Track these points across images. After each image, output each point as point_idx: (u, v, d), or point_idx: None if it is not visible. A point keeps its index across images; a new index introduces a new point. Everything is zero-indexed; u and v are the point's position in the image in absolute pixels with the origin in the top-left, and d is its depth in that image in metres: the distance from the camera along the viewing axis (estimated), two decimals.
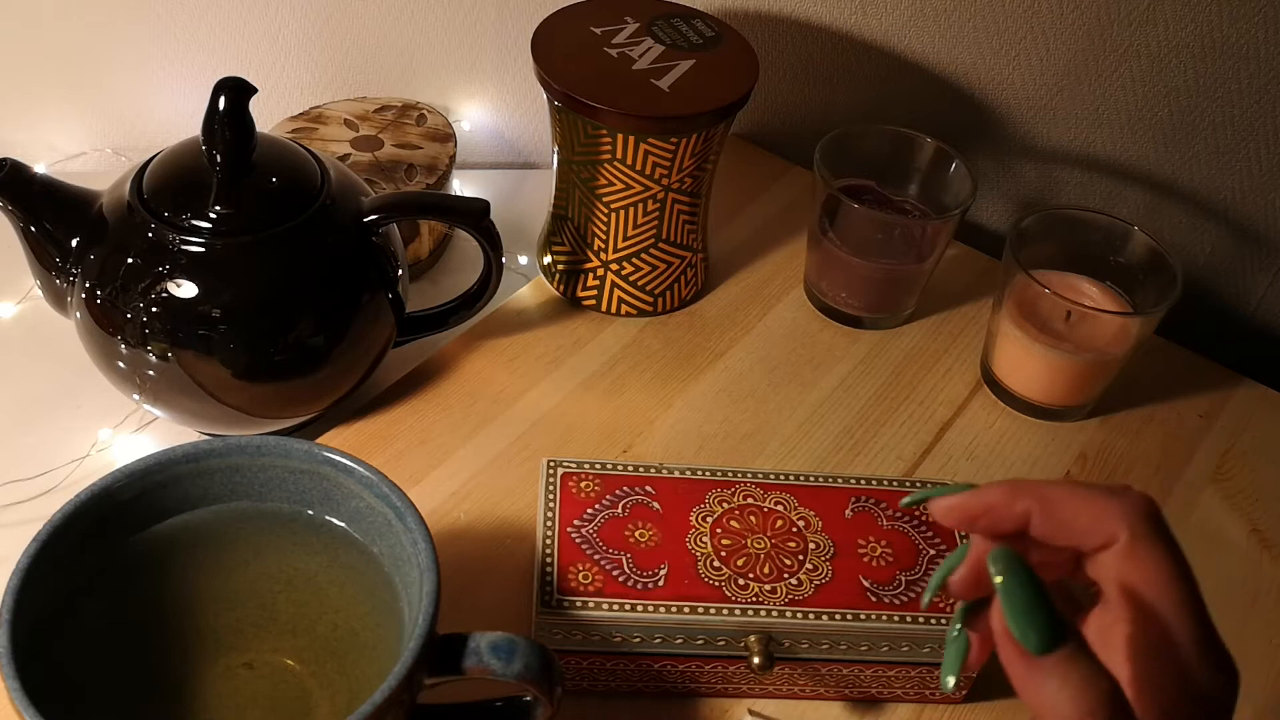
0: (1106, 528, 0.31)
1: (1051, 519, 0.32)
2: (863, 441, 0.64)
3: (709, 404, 0.64)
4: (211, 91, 0.53)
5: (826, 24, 0.79)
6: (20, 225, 0.54)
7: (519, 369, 0.65)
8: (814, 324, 0.70)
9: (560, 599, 0.47)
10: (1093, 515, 0.31)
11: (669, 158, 0.62)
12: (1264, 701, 0.54)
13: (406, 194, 0.64)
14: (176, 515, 0.46)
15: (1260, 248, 0.83)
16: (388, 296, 0.58)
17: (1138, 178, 0.82)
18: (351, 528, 0.47)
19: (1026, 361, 0.64)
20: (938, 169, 0.69)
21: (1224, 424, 0.67)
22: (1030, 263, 0.63)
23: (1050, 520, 0.32)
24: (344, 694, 0.43)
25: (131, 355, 0.54)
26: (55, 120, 0.77)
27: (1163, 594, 0.31)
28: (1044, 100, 0.80)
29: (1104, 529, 0.31)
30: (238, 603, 0.46)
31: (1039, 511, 0.32)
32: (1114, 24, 0.75)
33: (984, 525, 0.33)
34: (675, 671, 0.50)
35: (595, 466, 0.53)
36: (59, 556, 0.42)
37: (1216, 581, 0.58)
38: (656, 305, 0.69)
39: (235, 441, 0.46)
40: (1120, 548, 0.31)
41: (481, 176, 0.81)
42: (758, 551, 0.50)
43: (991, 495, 0.33)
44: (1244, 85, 0.76)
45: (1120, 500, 0.32)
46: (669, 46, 0.64)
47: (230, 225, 0.53)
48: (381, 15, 0.76)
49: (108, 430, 0.60)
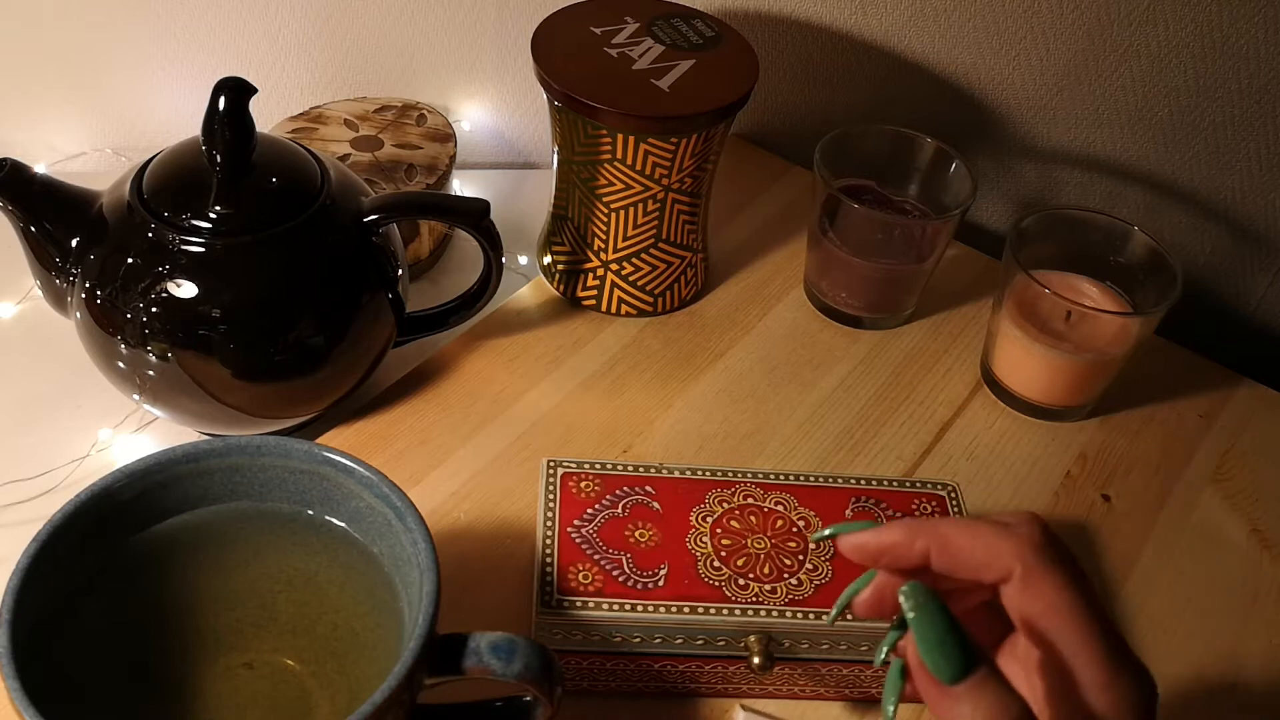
0: (1000, 564, 0.32)
1: (948, 557, 0.33)
2: (863, 441, 0.64)
3: (709, 404, 0.64)
4: (211, 91, 0.53)
5: (826, 24, 0.79)
6: (20, 225, 0.54)
7: (519, 369, 0.65)
8: (814, 324, 0.70)
9: (560, 599, 0.47)
10: (986, 552, 0.33)
11: (669, 158, 0.62)
12: (1264, 702, 0.54)
13: (406, 194, 0.64)
14: (176, 515, 0.46)
15: (1260, 248, 0.83)
16: (388, 296, 0.58)
17: (1138, 178, 0.82)
18: (351, 528, 0.47)
19: (1026, 361, 0.64)
20: (938, 169, 0.69)
21: (1224, 424, 0.67)
22: (1030, 263, 0.63)
23: (947, 558, 0.33)
24: (344, 694, 0.43)
25: (131, 355, 0.54)
26: (55, 120, 0.77)
27: (1061, 622, 0.32)
28: (1044, 100, 0.80)
29: (998, 565, 0.32)
30: (238, 603, 0.46)
31: (936, 550, 0.33)
32: (1114, 24, 0.75)
33: (887, 563, 0.35)
34: (675, 672, 0.50)
35: (595, 466, 0.53)
36: (59, 556, 0.42)
37: (1216, 581, 0.59)
38: (656, 305, 0.69)
39: (235, 441, 0.46)
40: (1015, 581, 0.32)
41: (481, 176, 0.81)
42: (758, 551, 0.50)
43: (891, 535, 0.34)
44: (1244, 85, 0.76)
45: (1010, 536, 0.33)
46: (669, 46, 0.64)
47: (230, 225, 0.53)
48: (381, 15, 0.76)
49: (108, 430, 0.60)
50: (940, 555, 0.33)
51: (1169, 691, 0.54)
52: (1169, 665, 0.55)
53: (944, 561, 0.34)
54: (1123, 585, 0.58)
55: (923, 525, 0.34)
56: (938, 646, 0.31)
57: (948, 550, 0.33)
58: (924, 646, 0.31)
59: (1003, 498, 0.62)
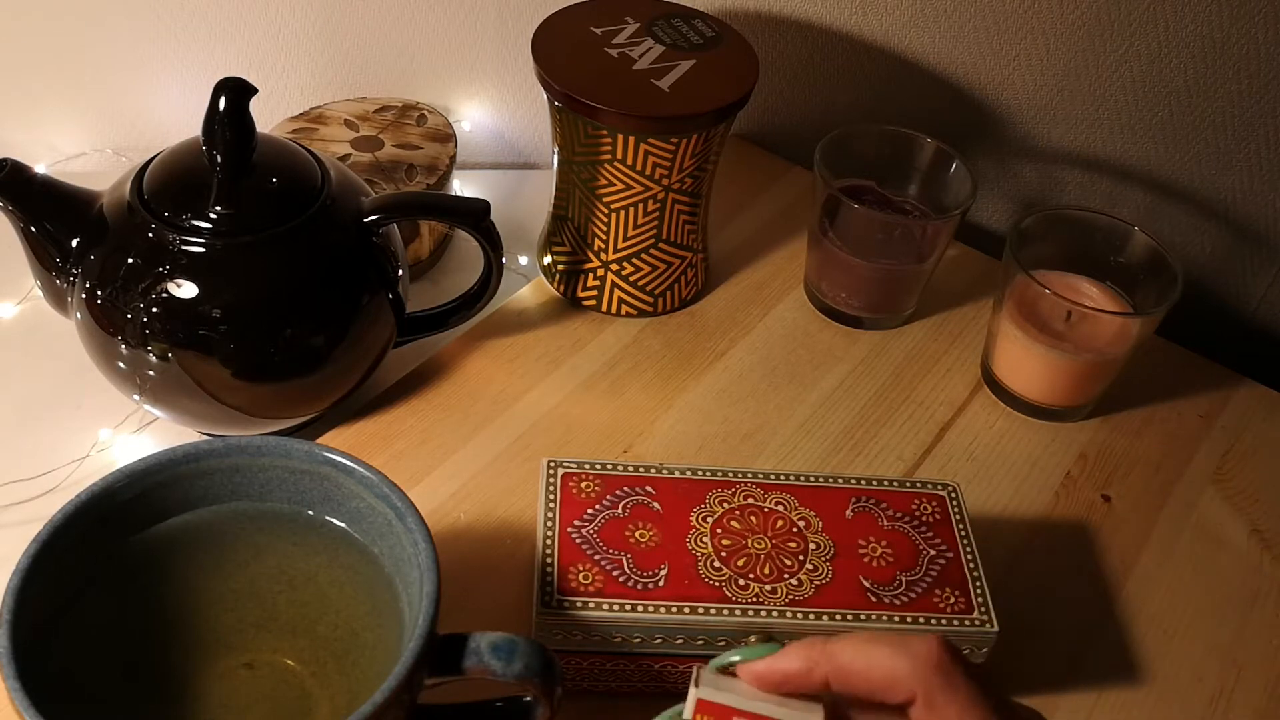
0: (901, 687, 0.31)
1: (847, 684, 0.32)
2: (863, 442, 0.64)
3: (709, 404, 0.64)
4: (212, 92, 0.53)
5: (826, 24, 0.79)
6: (20, 225, 0.54)
7: (519, 369, 0.65)
8: (814, 324, 0.70)
9: (560, 599, 0.47)
10: (884, 677, 0.32)
11: (669, 158, 0.62)
12: (1264, 703, 0.54)
13: (406, 194, 0.64)
14: (177, 515, 0.46)
15: (1260, 248, 0.83)
16: (388, 297, 0.58)
17: (1138, 178, 0.82)
18: (352, 528, 0.47)
19: (1027, 361, 0.64)
20: (938, 169, 0.69)
21: (1224, 424, 0.67)
22: (1030, 263, 0.63)
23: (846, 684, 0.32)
24: (344, 694, 0.43)
25: (132, 355, 0.54)
26: (55, 120, 0.77)
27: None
28: (1044, 100, 0.80)
29: (899, 689, 0.31)
30: (238, 603, 0.46)
31: (833, 677, 0.32)
32: (1114, 24, 0.75)
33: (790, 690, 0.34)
34: (675, 672, 0.50)
35: (595, 467, 0.53)
36: (59, 556, 0.42)
37: (1216, 581, 0.59)
38: (657, 305, 0.69)
39: (235, 442, 0.46)
40: (919, 705, 0.31)
41: (481, 177, 0.81)
42: (758, 552, 0.50)
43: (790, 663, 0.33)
44: (1244, 85, 0.76)
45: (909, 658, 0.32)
46: (669, 47, 0.64)
47: (230, 225, 0.53)
48: (381, 15, 0.76)
49: (108, 430, 0.60)
50: (838, 681, 0.32)
51: (1169, 691, 0.54)
52: (1169, 665, 0.55)
53: (843, 686, 0.32)
54: (1123, 585, 0.58)
55: (818, 651, 0.33)
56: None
57: (845, 677, 0.32)
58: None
59: (1003, 498, 0.62)
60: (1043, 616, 0.56)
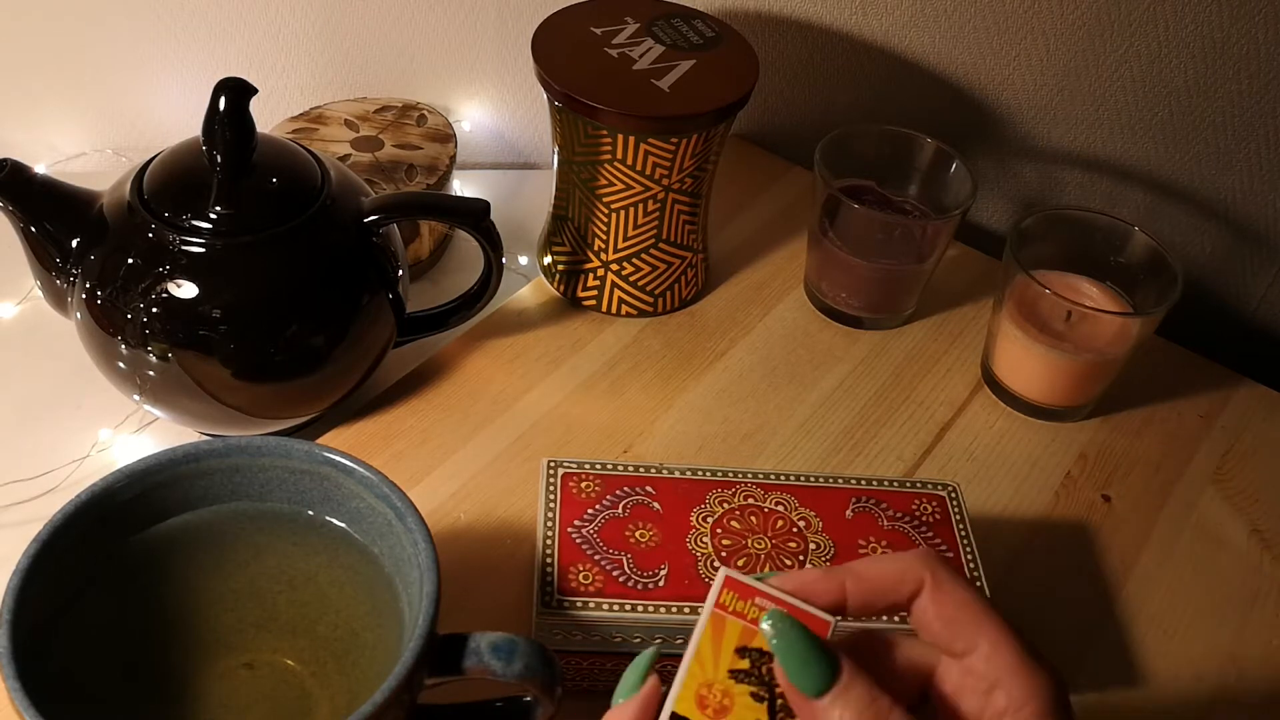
0: (912, 574, 0.35)
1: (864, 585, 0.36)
2: (863, 442, 0.64)
3: (709, 404, 0.64)
4: (212, 92, 0.53)
5: (826, 24, 0.79)
6: (20, 225, 0.54)
7: (519, 369, 0.65)
8: (814, 324, 0.70)
9: (560, 599, 0.47)
10: (896, 570, 0.36)
11: (669, 158, 0.62)
12: (1264, 702, 0.54)
13: (406, 194, 0.64)
14: (177, 515, 0.46)
15: (1260, 248, 0.83)
16: (388, 297, 0.58)
17: (1138, 178, 0.82)
18: (352, 528, 0.47)
19: (1027, 361, 0.64)
20: (938, 169, 0.69)
21: (1224, 424, 0.67)
22: (1030, 263, 0.63)
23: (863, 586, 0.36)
24: (344, 694, 0.43)
25: (132, 355, 0.54)
26: (55, 120, 0.77)
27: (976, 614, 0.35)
28: (1044, 100, 0.80)
29: (910, 576, 0.35)
30: (238, 603, 0.46)
31: (851, 583, 0.36)
32: (1114, 24, 0.75)
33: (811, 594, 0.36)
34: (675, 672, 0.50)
35: (595, 467, 0.53)
36: (59, 557, 0.42)
37: (1216, 581, 0.59)
38: (657, 305, 0.69)
39: (235, 442, 0.46)
40: (927, 590, 0.35)
41: (481, 177, 0.81)
42: (758, 552, 0.50)
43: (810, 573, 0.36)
44: (1244, 85, 0.76)
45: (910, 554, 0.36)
46: (669, 47, 0.64)
47: (230, 225, 0.53)
48: (381, 15, 0.76)
49: (108, 430, 0.60)
50: (856, 586, 0.35)
51: (1170, 691, 0.54)
52: (1169, 665, 0.55)
53: (861, 590, 0.35)
54: (1123, 585, 0.58)
55: (837, 567, 0.36)
56: (801, 667, 0.34)
57: (861, 580, 0.35)
58: (790, 668, 0.34)
59: (1003, 498, 0.62)
60: (1043, 616, 0.56)
